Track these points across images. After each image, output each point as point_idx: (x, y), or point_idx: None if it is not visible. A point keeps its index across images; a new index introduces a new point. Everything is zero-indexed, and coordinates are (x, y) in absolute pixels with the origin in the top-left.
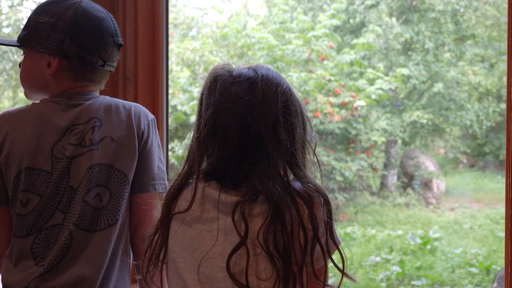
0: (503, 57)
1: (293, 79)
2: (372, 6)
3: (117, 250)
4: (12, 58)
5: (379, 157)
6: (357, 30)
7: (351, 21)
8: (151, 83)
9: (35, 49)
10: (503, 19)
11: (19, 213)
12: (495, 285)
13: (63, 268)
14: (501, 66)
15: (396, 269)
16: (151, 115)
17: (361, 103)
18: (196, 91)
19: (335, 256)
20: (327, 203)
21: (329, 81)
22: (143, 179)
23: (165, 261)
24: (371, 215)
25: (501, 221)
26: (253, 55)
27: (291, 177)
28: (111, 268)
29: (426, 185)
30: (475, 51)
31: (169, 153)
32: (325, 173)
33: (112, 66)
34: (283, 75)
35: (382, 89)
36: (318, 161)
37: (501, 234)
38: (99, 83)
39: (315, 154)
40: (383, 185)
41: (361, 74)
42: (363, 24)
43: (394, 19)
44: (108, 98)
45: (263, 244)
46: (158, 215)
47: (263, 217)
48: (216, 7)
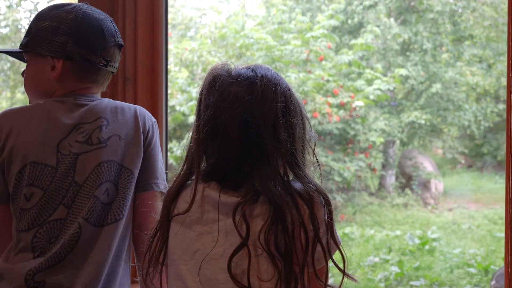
0: (501, 58)
1: (291, 79)
2: (370, 6)
3: (122, 247)
4: (10, 58)
5: (377, 158)
6: (355, 30)
7: (349, 21)
8: (151, 83)
9: (38, 54)
10: (501, 20)
11: (22, 207)
12: (493, 282)
13: (70, 262)
14: (499, 66)
15: (394, 269)
16: (153, 118)
17: (359, 103)
18: (194, 92)
19: (334, 256)
20: (328, 203)
21: (328, 81)
22: (147, 177)
23: (165, 263)
24: (370, 215)
25: (499, 222)
26: (252, 55)
27: (291, 177)
28: (117, 265)
29: (424, 185)
30: (473, 51)
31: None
32: (323, 173)
33: (114, 67)
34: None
35: (380, 90)
36: (317, 161)
37: (499, 234)
38: (101, 85)
39: (314, 153)
40: (381, 186)
41: (360, 74)
42: (361, 24)
43: (392, 20)
44: (111, 100)
45: (264, 245)
46: (158, 217)
47: (264, 217)
48: (214, 7)
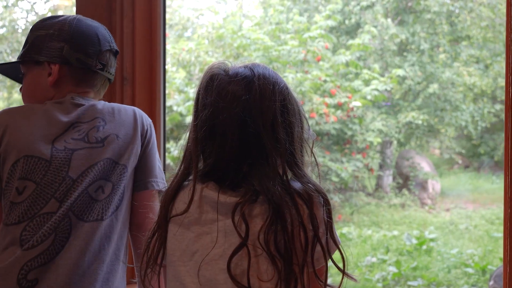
0: (498, 58)
1: (289, 79)
2: (367, 7)
3: (121, 246)
4: (7, 58)
5: (375, 158)
6: (352, 31)
7: (347, 22)
8: (148, 83)
9: (35, 62)
10: (498, 21)
11: (14, 201)
12: (492, 283)
13: (63, 259)
14: (496, 67)
15: (392, 269)
16: (150, 119)
17: (356, 104)
18: (191, 92)
19: (333, 255)
20: (327, 203)
21: (325, 81)
22: (145, 176)
23: (163, 265)
24: (367, 215)
25: (497, 222)
26: (249, 55)
27: (290, 176)
28: (115, 264)
29: (421, 185)
30: (470, 52)
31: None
32: (321, 173)
33: (110, 72)
34: None
35: (377, 90)
36: (316, 160)
37: (496, 234)
38: (98, 92)
39: (312, 152)
40: (379, 186)
41: (357, 75)
42: (359, 25)
43: (389, 20)
44: (107, 102)
45: (264, 245)
46: (156, 217)
47: (263, 217)
48: (211, 8)
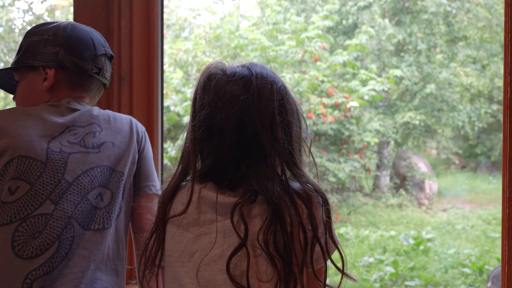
0: (495, 59)
1: (286, 80)
2: (364, 7)
3: (122, 249)
4: (4, 58)
5: (372, 158)
6: (349, 31)
7: (344, 22)
8: (146, 83)
9: (29, 68)
10: (494, 21)
11: (5, 200)
12: (489, 284)
13: (68, 267)
14: (493, 67)
15: (389, 269)
16: (144, 127)
17: (354, 104)
18: (189, 92)
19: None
20: (326, 203)
21: (322, 82)
22: (143, 182)
23: (161, 266)
24: (364, 216)
25: (493, 222)
26: (246, 56)
27: (288, 176)
28: (120, 265)
29: (418, 186)
30: (467, 52)
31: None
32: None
33: (105, 77)
34: None
35: (374, 90)
36: (314, 160)
37: (493, 234)
38: (93, 97)
39: (310, 152)
40: (376, 186)
41: (354, 75)
42: (356, 25)
43: (386, 21)
44: (103, 110)
45: (263, 245)
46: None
47: (262, 218)
48: (208, 8)
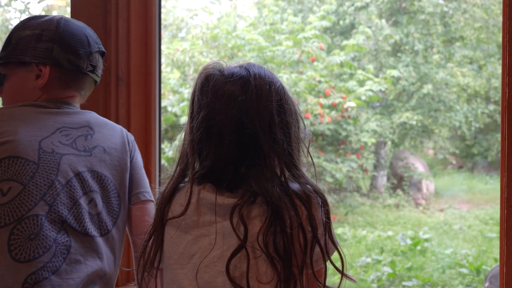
0: (491, 59)
1: (283, 80)
2: (361, 7)
3: (119, 256)
4: None
5: (369, 159)
6: (347, 31)
7: (341, 22)
8: (144, 83)
9: (20, 64)
10: (491, 22)
11: None
12: (487, 284)
13: (67, 272)
14: (490, 68)
15: (387, 270)
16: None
17: (351, 104)
18: (186, 92)
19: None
20: (325, 203)
21: (319, 82)
22: (137, 189)
23: (160, 268)
24: (361, 216)
25: (490, 222)
26: (244, 56)
27: (287, 176)
28: (116, 271)
29: (415, 186)
30: (464, 53)
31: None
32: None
33: (98, 75)
34: None
35: (372, 91)
36: (312, 160)
37: (490, 234)
38: (84, 96)
39: (309, 152)
40: (373, 186)
41: (351, 75)
42: (353, 25)
43: (383, 21)
44: (92, 112)
45: (263, 246)
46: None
47: (261, 219)
48: (205, 8)
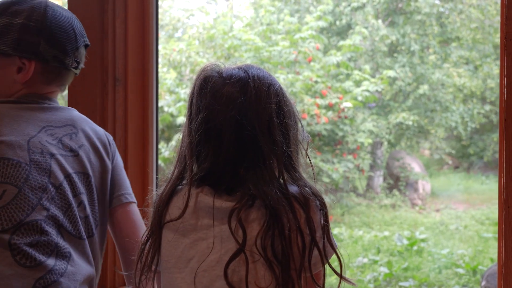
0: (487, 60)
1: (280, 80)
2: (358, 8)
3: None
4: None
5: (365, 159)
6: (343, 32)
7: (338, 23)
8: (141, 83)
9: (1, 52)
10: (487, 22)
11: None
12: (484, 283)
13: (72, 274)
14: (485, 68)
15: (383, 270)
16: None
17: (347, 104)
18: (183, 93)
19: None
20: (323, 206)
21: (316, 82)
22: (118, 191)
23: (157, 271)
24: (358, 216)
25: (486, 222)
26: (240, 56)
27: (285, 178)
28: (97, 276)
29: (411, 186)
30: (460, 53)
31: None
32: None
33: (79, 69)
34: None
35: (368, 91)
36: (310, 162)
37: (486, 235)
38: (63, 89)
39: (307, 154)
40: (369, 187)
41: (348, 75)
42: (349, 26)
43: (380, 21)
44: (75, 111)
45: (261, 250)
46: (142, 223)
47: (260, 222)
48: (202, 8)
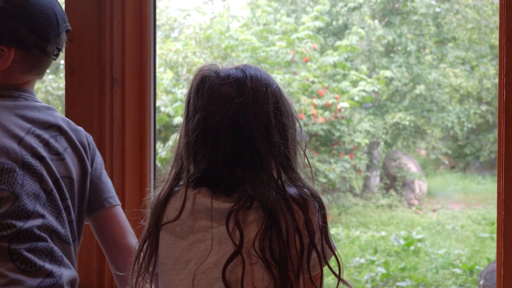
0: (484, 60)
1: (277, 80)
2: (354, 8)
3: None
4: None
5: (362, 159)
6: (340, 32)
7: (334, 23)
8: (139, 84)
9: None
10: (483, 22)
11: None
12: (482, 282)
13: (66, 276)
14: (482, 68)
15: (380, 270)
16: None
17: (344, 104)
18: (179, 93)
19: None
20: (322, 207)
21: (313, 82)
22: (103, 195)
23: (155, 273)
24: (355, 216)
25: (483, 222)
26: (237, 56)
27: (283, 179)
28: None
29: (408, 186)
30: (456, 53)
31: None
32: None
33: (59, 55)
34: None
35: (365, 91)
36: (309, 162)
37: (483, 235)
38: (41, 78)
39: (305, 155)
40: (366, 187)
41: (344, 76)
42: (346, 26)
43: (376, 22)
44: (56, 110)
45: (259, 252)
46: (129, 225)
47: (258, 224)
48: (198, 8)
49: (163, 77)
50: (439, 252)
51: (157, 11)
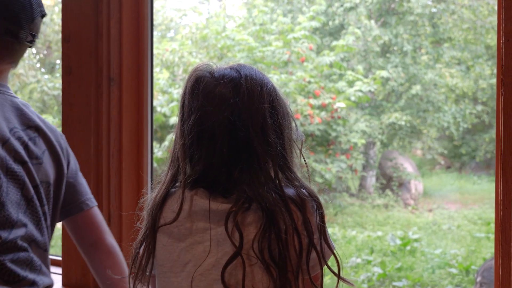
0: (479, 60)
1: (273, 80)
2: (351, 8)
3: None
4: None
5: (358, 159)
6: (336, 32)
7: (330, 23)
8: (136, 84)
9: None
10: (479, 23)
11: None
12: (479, 279)
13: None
14: (477, 68)
15: (377, 270)
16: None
17: (340, 105)
18: (175, 93)
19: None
20: (320, 207)
21: (309, 83)
22: (80, 197)
23: (152, 275)
24: (351, 216)
25: (479, 222)
26: (233, 56)
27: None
28: None
29: (404, 186)
30: (452, 53)
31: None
32: (306, 175)
33: (35, 42)
34: None
35: (361, 91)
36: (305, 162)
37: (478, 234)
38: (15, 67)
39: (302, 154)
40: (362, 187)
41: (341, 76)
42: (342, 26)
43: (373, 22)
44: (30, 107)
45: (258, 253)
46: (105, 225)
47: (256, 225)
48: (194, 8)
49: (159, 77)
50: (435, 252)
51: (153, 11)
